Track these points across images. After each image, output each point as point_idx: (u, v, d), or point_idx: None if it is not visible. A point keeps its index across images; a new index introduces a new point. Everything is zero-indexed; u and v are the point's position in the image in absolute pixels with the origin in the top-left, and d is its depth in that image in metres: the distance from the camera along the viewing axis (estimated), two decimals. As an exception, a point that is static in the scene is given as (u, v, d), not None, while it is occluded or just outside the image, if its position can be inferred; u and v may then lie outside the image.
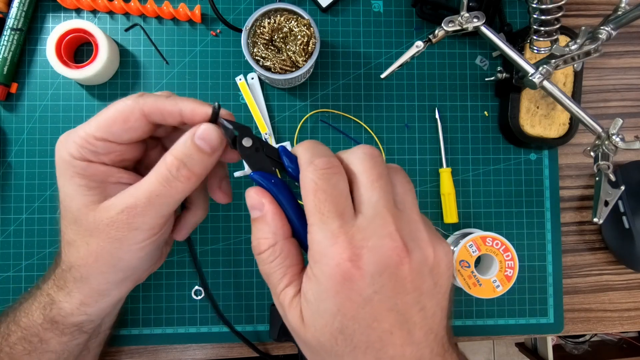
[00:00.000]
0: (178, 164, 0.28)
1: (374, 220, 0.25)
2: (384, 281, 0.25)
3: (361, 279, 0.24)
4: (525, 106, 0.49)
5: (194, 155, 0.28)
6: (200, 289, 0.49)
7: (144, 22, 0.50)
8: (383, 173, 0.26)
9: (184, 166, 0.28)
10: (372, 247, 0.24)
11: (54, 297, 0.34)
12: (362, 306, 0.24)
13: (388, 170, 0.27)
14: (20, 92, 0.48)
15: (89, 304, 0.34)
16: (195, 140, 0.28)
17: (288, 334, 0.46)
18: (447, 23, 0.42)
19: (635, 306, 0.52)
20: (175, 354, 0.49)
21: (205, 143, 0.28)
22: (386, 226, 0.25)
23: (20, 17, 0.47)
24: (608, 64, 0.53)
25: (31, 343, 0.35)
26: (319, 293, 0.25)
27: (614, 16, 0.40)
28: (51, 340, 0.35)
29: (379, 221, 0.25)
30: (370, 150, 0.27)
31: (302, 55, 0.44)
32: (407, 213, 0.26)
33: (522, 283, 0.51)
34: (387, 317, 0.25)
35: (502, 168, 0.51)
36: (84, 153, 0.30)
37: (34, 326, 0.35)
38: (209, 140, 0.28)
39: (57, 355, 0.36)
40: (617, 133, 0.40)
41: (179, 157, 0.28)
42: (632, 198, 0.51)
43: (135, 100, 0.29)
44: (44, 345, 0.35)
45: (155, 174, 0.29)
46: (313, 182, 0.25)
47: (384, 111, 0.51)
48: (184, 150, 0.28)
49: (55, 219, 0.48)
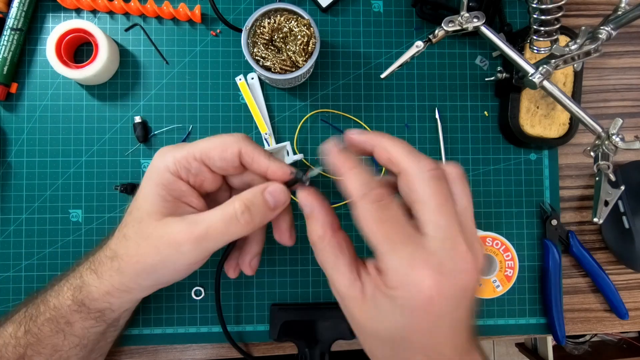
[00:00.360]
0: (244, 208, 0.32)
1: (445, 243, 0.27)
2: (458, 300, 0.27)
3: (440, 302, 0.26)
4: (525, 106, 0.49)
5: (260, 206, 0.32)
6: (200, 289, 0.49)
7: (144, 22, 0.50)
8: (448, 195, 0.28)
9: (248, 211, 0.32)
10: (449, 271, 0.26)
11: (86, 279, 0.36)
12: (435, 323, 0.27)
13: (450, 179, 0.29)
14: (20, 92, 0.48)
15: (114, 295, 0.36)
16: (265, 194, 0.32)
17: (288, 333, 0.47)
18: (447, 23, 0.42)
19: (635, 306, 0.52)
20: (175, 354, 0.49)
21: (273, 199, 0.32)
22: (457, 248, 0.27)
23: (20, 17, 0.47)
24: (608, 64, 0.53)
25: (58, 324, 0.37)
26: (393, 308, 0.27)
27: (614, 16, 0.40)
28: (76, 324, 0.37)
29: (449, 244, 0.27)
30: (436, 172, 0.28)
31: (302, 55, 0.44)
32: (468, 229, 0.28)
33: (522, 283, 0.51)
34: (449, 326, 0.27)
35: (502, 168, 0.51)
36: (179, 168, 0.33)
37: (62, 307, 0.37)
38: (277, 198, 0.33)
39: (79, 340, 0.38)
40: (617, 133, 0.40)
41: (247, 202, 0.32)
42: (632, 198, 0.51)
43: (238, 139, 0.33)
44: (69, 328, 0.37)
45: (222, 210, 0.32)
46: (373, 215, 0.27)
47: (384, 111, 0.51)
48: (252, 199, 0.32)
49: (55, 219, 0.48)
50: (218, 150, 0.33)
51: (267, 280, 0.49)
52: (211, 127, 0.49)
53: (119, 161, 0.49)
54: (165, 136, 0.49)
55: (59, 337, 0.37)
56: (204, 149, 0.33)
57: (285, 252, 0.49)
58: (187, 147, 0.34)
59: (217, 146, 0.33)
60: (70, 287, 0.37)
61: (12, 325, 0.38)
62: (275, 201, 0.32)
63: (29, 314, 0.38)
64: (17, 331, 0.37)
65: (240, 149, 0.33)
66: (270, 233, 0.37)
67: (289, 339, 0.47)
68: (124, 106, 0.49)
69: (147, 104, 0.49)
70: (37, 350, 0.37)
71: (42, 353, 0.37)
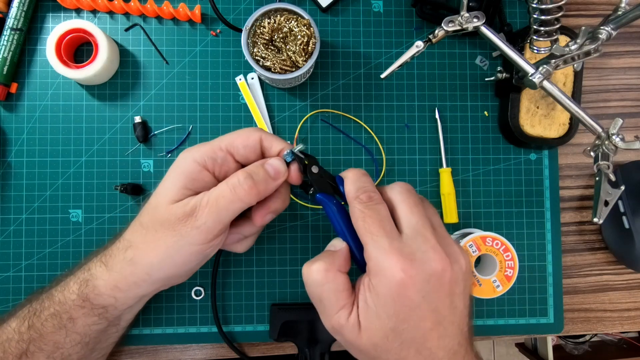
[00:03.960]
0: (246, 175, 0.35)
1: (417, 237, 0.32)
2: (430, 287, 0.31)
3: (413, 287, 0.30)
4: (525, 106, 0.49)
5: (260, 174, 0.36)
6: (200, 289, 0.49)
7: (144, 22, 0.50)
8: (418, 202, 0.34)
9: (250, 178, 0.35)
10: (419, 259, 0.31)
11: (94, 272, 0.38)
12: (413, 309, 0.31)
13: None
14: (20, 92, 0.48)
15: (122, 288, 0.37)
16: (265, 165, 0.36)
17: (288, 333, 0.47)
18: (447, 23, 0.42)
19: (635, 306, 0.52)
20: (175, 354, 0.49)
21: (272, 169, 0.36)
22: (428, 241, 0.32)
23: (20, 17, 0.47)
24: (608, 64, 0.53)
25: (61, 320, 0.37)
26: (378, 300, 0.31)
27: (614, 16, 0.40)
28: (78, 320, 0.37)
29: (420, 238, 0.32)
30: (405, 185, 0.36)
31: (302, 55, 0.44)
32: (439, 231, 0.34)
33: (522, 283, 0.51)
34: (430, 317, 0.31)
35: (502, 168, 0.51)
36: (206, 159, 0.36)
37: (67, 302, 0.37)
38: (276, 168, 0.37)
39: (81, 337, 0.38)
40: (617, 133, 0.40)
41: (248, 171, 0.36)
42: (632, 198, 0.51)
43: (257, 129, 0.38)
44: (72, 324, 0.37)
45: (226, 182, 0.36)
46: (361, 211, 0.33)
47: (384, 111, 0.51)
48: (253, 169, 0.36)
49: (55, 219, 0.48)
50: (242, 138, 0.37)
51: (267, 280, 0.49)
52: (211, 127, 0.49)
53: (119, 161, 0.49)
54: (165, 136, 0.49)
55: (61, 334, 0.37)
56: (228, 140, 0.37)
57: (285, 252, 0.49)
58: (211, 142, 0.37)
59: (240, 135, 0.37)
60: (77, 282, 0.38)
61: (16, 320, 0.38)
62: (274, 170, 0.36)
63: (33, 309, 0.38)
64: (20, 326, 0.38)
65: (260, 136, 0.37)
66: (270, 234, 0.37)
67: (289, 339, 0.47)
68: (124, 106, 0.49)
69: (147, 104, 0.49)
70: (39, 346, 0.37)
71: (43, 349, 0.37)
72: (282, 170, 0.37)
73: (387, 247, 0.31)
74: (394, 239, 0.32)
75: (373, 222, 0.32)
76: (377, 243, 0.31)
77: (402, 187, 0.35)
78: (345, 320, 0.32)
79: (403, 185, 0.35)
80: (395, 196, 0.35)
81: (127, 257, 0.36)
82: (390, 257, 0.31)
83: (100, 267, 0.37)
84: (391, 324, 0.31)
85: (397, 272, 0.30)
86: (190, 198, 0.35)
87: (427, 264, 0.31)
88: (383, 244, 0.31)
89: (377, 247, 0.31)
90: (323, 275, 0.33)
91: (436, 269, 0.31)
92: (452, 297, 0.32)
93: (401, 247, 0.31)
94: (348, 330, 0.32)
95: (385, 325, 0.31)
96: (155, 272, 0.37)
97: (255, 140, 0.37)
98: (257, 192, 0.36)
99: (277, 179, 0.37)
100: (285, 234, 0.50)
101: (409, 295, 0.30)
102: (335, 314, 0.33)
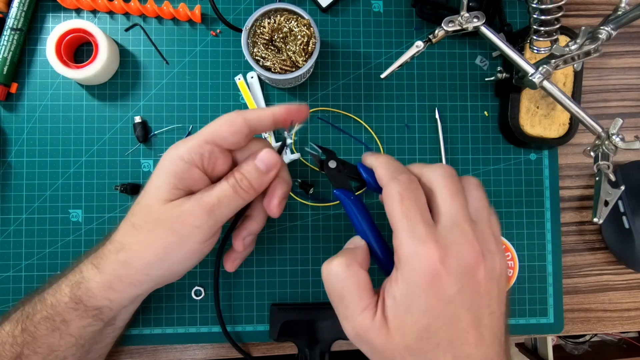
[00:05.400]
0: (241, 176, 0.35)
1: (454, 229, 0.29)
2: (465, 281, 0.28)
3: (447, 278, 0.28)
4: (525, 106, 0.49)
5: (254, 173, 0.35)
6: (200, 289, 0.49)
7: (144, 22, 0.50)
8: (460, 189, 0.31)
9: (245, 179, 0.35)
10: (455, 250, 0.29)
11: (86, 275, 0.37)
12: (447, 304, 0.28)
13: (466, 184, 0.33)
14: (20, 92, 0.48)
15: (116, 289, 0.36)
16: (256, 161, 0.36)
17: (288, 333, 0.47)
18: (447, 23, 0.42)
19: (635, 306, 0.52)
20: (175, 354, 0.49)
21: (263, 164, 0.36)
22: (465, 234, 0.29)
23: (20, 17, 0.47)
24: (608, 64, 0.53)
25: (54, 322, 0.37)
26: (409, 291, 0.28)
27: (614, 16, 0.40)
28: (72, 323, 0.37)
29: (458, 230, 0.29)
30: (449, 169, 0.32)
31: (302, 55, 0.44)
32: (480, 225, 0.31)
33: (522, 283, 0.51)
34: (466, 317, 0.28)
35: (502, 168, 0.51)
36: (193, 155, 0.35)
37: (59, 305, 0.37)
38: (266, 162, 0.36)
39: (75, 340, 0.38)
40: (617, 133, 0.40)
41: (243, 171, 0.36)
42: (632, 198, 0.51)
43: (238, 111, 0.36)
44: (65, 327, 0.37)
45: (226, 180, 0.35)
46: (398, 193, 0.30)
47: (384, 111, 0.51)
48: (247, 168, 0.36)
49: (55, 219, 0.48)
50: (226, 126, 0.35)
51: (267, 280, 0.49)
52: (211, 127, 0.49)
53: (119, 161, 0.49)
54: (165, 136, 0.49)
55: (54, 337, 0.37)
56: (212, 131, 0.35)
57: (285, 252, 0.49)
58: (195, 136, 0.35)
59: (223, 123, 0.35)
60: (68, 284, 0.37)
61: (10, 323, 0.38)
62: (265, 165, 0.36)
63: (26, 312, 0.38)
64: (14, 329, 0.37)
65: (244, 117, 0.35)
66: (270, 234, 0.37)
67: (289, 339, 0.47)
68: (124, 106, 0.49)
69: (147, 104, 0.49)
70: (33, 349, 0.37)
71: (38, 352, 0.37)
72: (273, 162, 0.36)
73: (423, 234, 0.29)
74: (431, 227, 0.29)
75: (411, 206, 0.30)
76: (413, 228, 0.29)
77: (445, 171, 0.32)
78: (370, 321, 0.29)
79: (446, 169, 0.32)
80: (437, 180, 0.31)
81: (119, 259, 0.36)
82: (426, 245, 0.28)
83: (92, 270, 0.37)
84: (425, 320, 0.28)
85: (433, 261, 0.28)
86: (187, 198, 0.35)
87: (464, 257, 0.29)
88: (419, 230, 0.29)
89: (412, 233, 0.29)
90: (345, 269, 0.31)
91: (469, 262, 0.29)
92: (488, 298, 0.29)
93: (437, 237, 0.29)
94: (375, 333, 0.29)
95: (419, 322, 0.28)
96: (154, 271, 0.36)
97: (240, 124, 0.35)
98: (254, 192, 0.36)
99: (269, 172, 0.36)
100: (285, 234, 0.50)
101: (443, 287, 0.28)
102: (359, 315, 0.30)
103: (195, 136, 0.35)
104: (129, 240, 0.36)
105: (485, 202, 0.33)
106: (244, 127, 0.35)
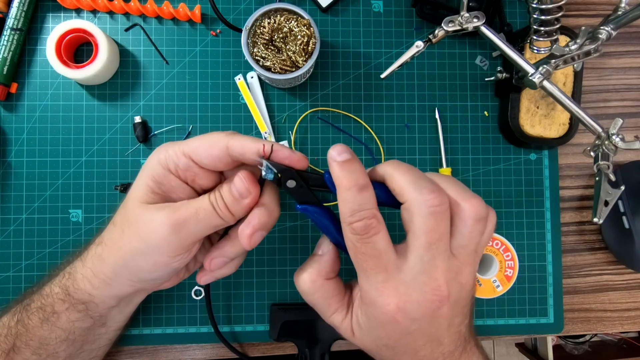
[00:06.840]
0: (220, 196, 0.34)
1: (419, 277, 0.29)
2: (423, 321, 0.30)
3: (404, 321, 0.29)
4: (525, 106, 0.49)
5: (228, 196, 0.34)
6: (200, 289, 0.49)
7: (144, 22, 0.50)
8: (443, 235, 0.29)
9: (222, 199, 0.33)
10: (415, 300, 0.29)
11: (75, 265, 0.37)
12: (404, 336, 0.30)
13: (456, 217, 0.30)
14: (20, 92, 0.48)
15: (94, 284, 0.36)
16: (231, 186, 0.34)
17: (288, 333, 0.47)
18: (447, 23, 0.42)
19: (635, 306, 0.52)
20: (175, 354, 0.49)
21: (236, 191, 0.33)
22: (431, 283, 0.29)
23: (20, 17, 0.47)
24: (608, 64, 0.53)
25: (45, 313, 0.37)
26: (369, 324, 0.31)
27: (614, 16, 0.40)
28: (62, 315, 0.37)
29: (423, 279, 0.29)
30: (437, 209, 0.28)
31: (302, 55, 0.44)
32: (460, 260, 0.30)
33: (522, 283, 0.51)
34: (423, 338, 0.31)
35: (502, 168, 0.51)
36: (168, 162, 0.34)
37: (51, 294, 0.37)
38: (239, 190, 0.33)
39: (66, 334, 0.38)
40: (617, 133, 0.40)
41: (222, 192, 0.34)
42: (632, 198, 0.51)
43: (226, 135, 0.33)
44: (55, 318, 0.37)
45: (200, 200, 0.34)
46: (353, 245, 0.30)
47: (384, 111, 0.51)
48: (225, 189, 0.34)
49: (55, 219, 0.48)
50: (205, 147, 0.33)
51: (267, 280, 0.49)
52: (211, 127, 0.49)
53: (119, 161, 0.49)
54: (165, 136, 0.49)
55: (45, 329, 0.37)
56: (192, 146, 0.34)
57: (285, 252, 0.49)
58: (179, 144, 0.34)
59: (204, 144, 0.33)
60: (62, 275, 0.38)
61: (8, 315, 0.38)
62: (237, 191, 0.33)
63: (24, 303, 0.38)
64: (10, 320, 0.38)
65: (227, 143, 0.33)
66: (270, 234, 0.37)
67: (289, 339, 0.47)
68: (124, 106, 0.49)
69: (147, 104, 0.49)
70: (25, 341, 0.37)
71: (29, 345, 0.37)
72: (244, 192, 0.33)
73: (380, 283, 0.29)
74: (391, 273, 0.29)
75: (367, 260, 0.29)
76: (369, 278, 0.30)
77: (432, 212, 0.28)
78: (339, 322, 0.33)
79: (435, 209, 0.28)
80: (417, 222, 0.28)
81: (97, 252, 0.36)
82: (382, 295, 0.29)
83: (78, 262, 0.37)
84: (383, 342, 0.31)
85: (389, 310, 0.29)
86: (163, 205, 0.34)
87: (425, 305, 0.29)
88: (376, 280, 0.29)
89: (369, 282, 0.30)
90: (310, 285, 0.33)
91: (431, 306, 0.29)
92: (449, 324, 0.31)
93: (397, 284, 0.29)
94: (342, 331, 0.33)
95: (377, 342, 0.32)
96: (122, 272, 0.35)
97: (220, 149, 0.33)
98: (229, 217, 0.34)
99: (242, 199, 0.33)
100: (285, 234, 0.50)
101: (401, 326, 0.30)
102: (329, 317, 0.34)
103: (179, 144, 0.34)
104: (107, 235, 0.36)
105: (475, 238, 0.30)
106: (223, 154, 0.33)
